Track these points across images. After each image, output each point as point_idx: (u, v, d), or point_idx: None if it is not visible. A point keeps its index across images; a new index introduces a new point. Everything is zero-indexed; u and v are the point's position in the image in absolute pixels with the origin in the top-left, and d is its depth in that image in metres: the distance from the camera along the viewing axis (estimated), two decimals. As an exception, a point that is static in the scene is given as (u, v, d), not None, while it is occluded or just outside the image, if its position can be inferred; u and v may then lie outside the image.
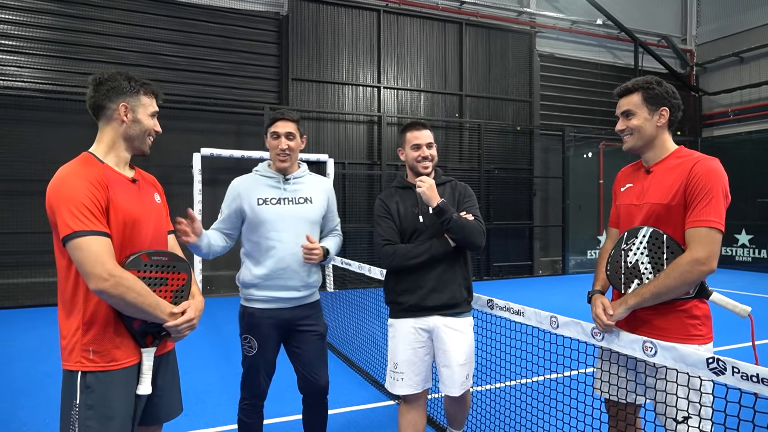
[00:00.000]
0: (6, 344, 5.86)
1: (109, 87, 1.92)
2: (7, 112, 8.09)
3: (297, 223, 2.63)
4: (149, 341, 1.91)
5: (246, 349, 2.65)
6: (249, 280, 2.63)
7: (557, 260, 12.40)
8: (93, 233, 1.74)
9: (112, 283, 1.72)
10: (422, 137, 2.68)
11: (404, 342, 2.66)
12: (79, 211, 1.74)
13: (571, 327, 2.27)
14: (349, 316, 6.30)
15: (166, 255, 1.95)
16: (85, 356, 1.81)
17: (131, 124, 1.95)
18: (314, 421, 2.81)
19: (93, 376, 1.80)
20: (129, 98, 1.94)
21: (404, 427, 2.71)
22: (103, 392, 1.80)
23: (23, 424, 3.69)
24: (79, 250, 1.72)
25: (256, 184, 2.66)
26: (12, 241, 8.02)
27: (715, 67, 14.07)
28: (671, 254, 1.98)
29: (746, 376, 1.62)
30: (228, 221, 2.66)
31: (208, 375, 4.69)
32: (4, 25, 8.25)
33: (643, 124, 2.12)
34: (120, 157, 1.96)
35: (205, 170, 8.75)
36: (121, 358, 1.85)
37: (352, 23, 10.51)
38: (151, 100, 2.01)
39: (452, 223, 2.51)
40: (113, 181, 1.87)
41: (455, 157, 11.30)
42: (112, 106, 1.92)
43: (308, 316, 2.69)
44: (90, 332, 1.81)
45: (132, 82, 1.96)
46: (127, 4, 8.95)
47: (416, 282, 2.62)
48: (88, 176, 1.80)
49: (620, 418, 2.23)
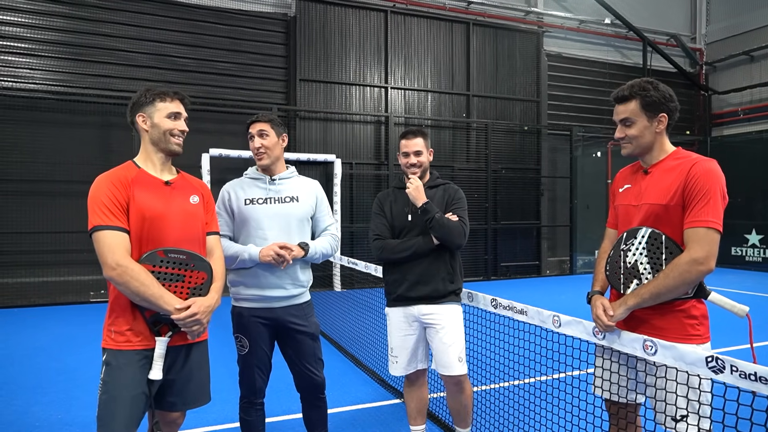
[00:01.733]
0: (19, 342, 5.96)
1: (132, 104, 2.20)
2: (19, 113, 8.21)
3: (283, 221, 2.67)
4: (164, 331, 2.07)
5: (238, 348, 2.74)
6: (236, 278, 2.69)
7: (565, 260, 12.37)
8: (109, 228, 1.98)
9: (119, 272, 1.95)
10: (410, 146, 2.90)
11: (396, 329, 2.95)
12: (99, 208, 2.00)
13: (573, 326, 2.29)
14: (356, 315, 6.34)
15: (185, 254, 2.09)
16: (108, 335, 2.07)
17: (151, 130, 2.18)
18: (314, 418, 2.87)
19: (111, 353, 2.04)
20: (145, 108, 2.18)
21: (409, 401, 3.07)
22: (115, 369, 2.02)
23: (38, 419, 3.76)
24: (97, 242, 1.98)
25: (244, 185, 2.76)
26: (25, 240, 8.14)
27: (725, 66, 13.97)
28: (670, 254, 1.99)
29: (744, 374, 1.64)
30: (226, 225, 2.70)
31: (217, 372, 4.72)
32: (17, 28, 8.37)
33: (642, 133, 2.11)
34: (155, 162, 2.20)
35: (213, 170, 8.83)
36: (135, 341, 2.05)
37: (359, 24, 10.55)
38: (166, 104, 2.20)
39: (434, 222, 2.74)
40: (141, 182, 2.10)
41: (462, 157, 11.32)
42: (136, 120, 2.20)
43: (298, 316, 2.71)
44: (113, 314, 2.07)
45: (148, 93, 2.19)
46: (136, 7, 9.05)
47: (402, 275, 2.87)
48: (113, 177, 2.07)
49: (621, 416, 2.25)
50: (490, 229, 11.30)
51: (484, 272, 11.18)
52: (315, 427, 2.88)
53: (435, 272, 2.83)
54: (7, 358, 5.32)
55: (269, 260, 2.54)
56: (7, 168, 8.09)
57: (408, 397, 3.07)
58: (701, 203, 1.95)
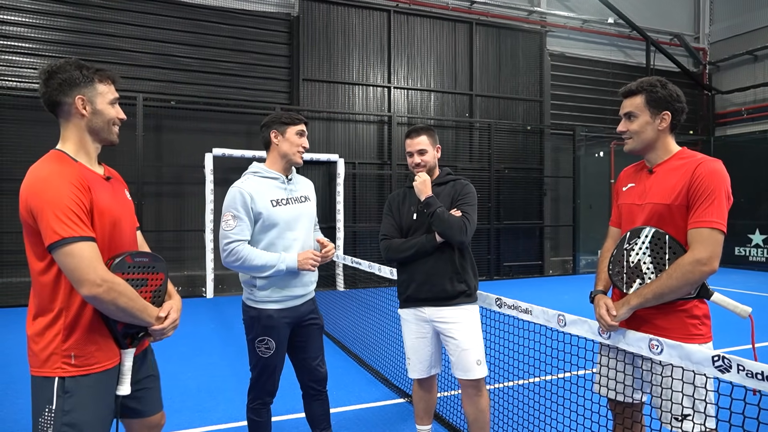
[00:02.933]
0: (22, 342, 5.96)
1: (60, 80, 1.79)
2: (23, 113, 8.24)
3: (306, 221, 2.73)
4: (128, 342, 1.90)
5: (262, 351, 2.64)
6: (266, 282, 2.59)
7: (568, 260, 12.35)
8: (82, 239, 1.69)
9: (105, 288, 1.69)
10: (413, 145, 2.87)
11: (408, 331, 2.92)
12: (66, 216, 1.67)
13: (578, 325, 2.29)
14: (360, 314, 6.35)
15: (147, 255, 1.93)
16: (66, 362, 1.75)
17: (92, 117, 1.85)
18: (318, 413, 2.85)
19: (73, 380, 1.76)
20: (84, 89, 1.83)
21: (417, 401, 3.06)
22: (84, 395, 1.77)
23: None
24: (71, 256, 1.67)
25: (264, 185, 2.64)
26: (28, 240, 8.16)
27: (729, 66, 13.94)
28: (673, 254, 1.99)
29: (751, 373, 1.64)
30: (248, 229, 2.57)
31: (221, 372, 4.76)
32: (21, 28, 8.40)
33: (643, 128, 2.13)
34: (90, 153, 1.89)
35: (216, 170, 8.84)
36: (103, 360, 1.82)
37: (362, 24, 10.56)
38: (108, 87, 1.90)
39: (434, 216, 2.69)
40: (93, 182, 1.80)
41: (465, 156, 11.31)
42: (68, 101, 1.81)
43: (312, 311, 2.80)
44: (72, 337, 1.76)
45: (84, 70, 1.83)
46: (140, 7, 9.07)
47: (410, 275, 2.84)
48: (70, 178, 1.73)
49: (626, 416, 2.25)
50: (493, 229, 11.29)
51: (487, 272, 11.17)
52: (320, 422, 2.86)
53: (441, 271, 2.76)
54: (9, 357, 5.35)
55: (309, 268, 2.58)
56: (12, 167, 8.12)
57: (416, 396, 3.06)
58: (706, 203, 1.95)
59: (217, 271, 8.94)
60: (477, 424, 2.82)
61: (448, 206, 2.77)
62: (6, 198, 8.08)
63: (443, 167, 2.97)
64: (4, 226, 8.12)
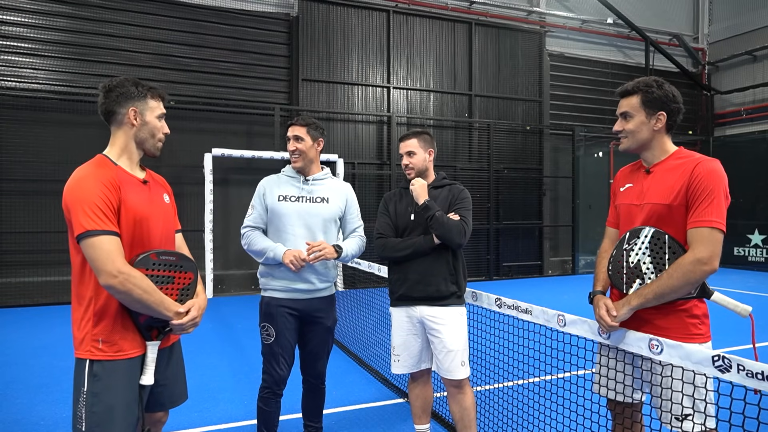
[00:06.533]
0: (23, 341, 5.98)
1: (118, 93, 2.04)
2: (22, 113, 8.24)
3: (311, 220, 2.85)
4: (154, 335, 2.03)
5: (264, 337, 2.84)
6: (266, 269, 2.85)
7: (567, 260, 12.36)
8: (104, 232, 1.86)
9: (121, 279, 1.84)
10: (402, 148, 2.98)
11: (398, 328, 2.98)
12: (92, 211, 1.86)
13: (578, 325, 2.30)
14: (359, 314, 6.35)
15: (174, 255, 2.07)
16: (94, 345, 1.93)
17: (141, 127, 2.08)
18: (312, 406, 3.08)
19: (100, 365, 1.93)
20: (137, 102, 2.06)
21: (413, 399, 3.09)
22: (108, 381, 1.92)
23: (42, 417, 3.77)
24: (92, 247, 1.85)
25: (280, 182, 2.92)
26: (28, 240, 8.17)
27: (728, 66, 13.95)
28: (673, 254, 2.00)
29: (751, 373, 1.64)
30: (260, 217, 2.89)
31: (220, 372, 4.76)
32: (20, 28, 8.39)
33: (638, 128, 2.14)
34: (132, 159, 2.10)
35: (216, 170, 8.84)
36: (127, 349, 1.97)
37: (361, 24, 10.56)
38: (158, 103, 2.13)
39: (434, 220, 2.76)
40: (125, 182, 1.99)
41: (465, 157, 11.32)
42: (122, 111, 2.05)
43: (320, 309, 2.91)
44: (100, 324, 1.94)
45: (139, 87, 2.08)
46: (139, 7, 9.07)
47: (404, 274, 2.90)
48: (102, 178, 1.92)
49: (626, 416, 2.25)
50: (492, 229, 11.30)
51: (486, 272, 11.18)
52: (310, 414, 3.08)
53: (436, 272, 2.84)
54: (11, 357, 5.34)
55: (288, 264, 2.71)
56: (11, 167, 8.12)
57: (412, 395, 3.10)
58: (705, 203, 1.96)
59: (216, 271, 8.94)
60: (462, 422, 2.91)
61: (446, 210, 2.86)
62: (6, 198, 8.08)
63: (440, 171, 3.06)
64: (3, 226, 8.11)
